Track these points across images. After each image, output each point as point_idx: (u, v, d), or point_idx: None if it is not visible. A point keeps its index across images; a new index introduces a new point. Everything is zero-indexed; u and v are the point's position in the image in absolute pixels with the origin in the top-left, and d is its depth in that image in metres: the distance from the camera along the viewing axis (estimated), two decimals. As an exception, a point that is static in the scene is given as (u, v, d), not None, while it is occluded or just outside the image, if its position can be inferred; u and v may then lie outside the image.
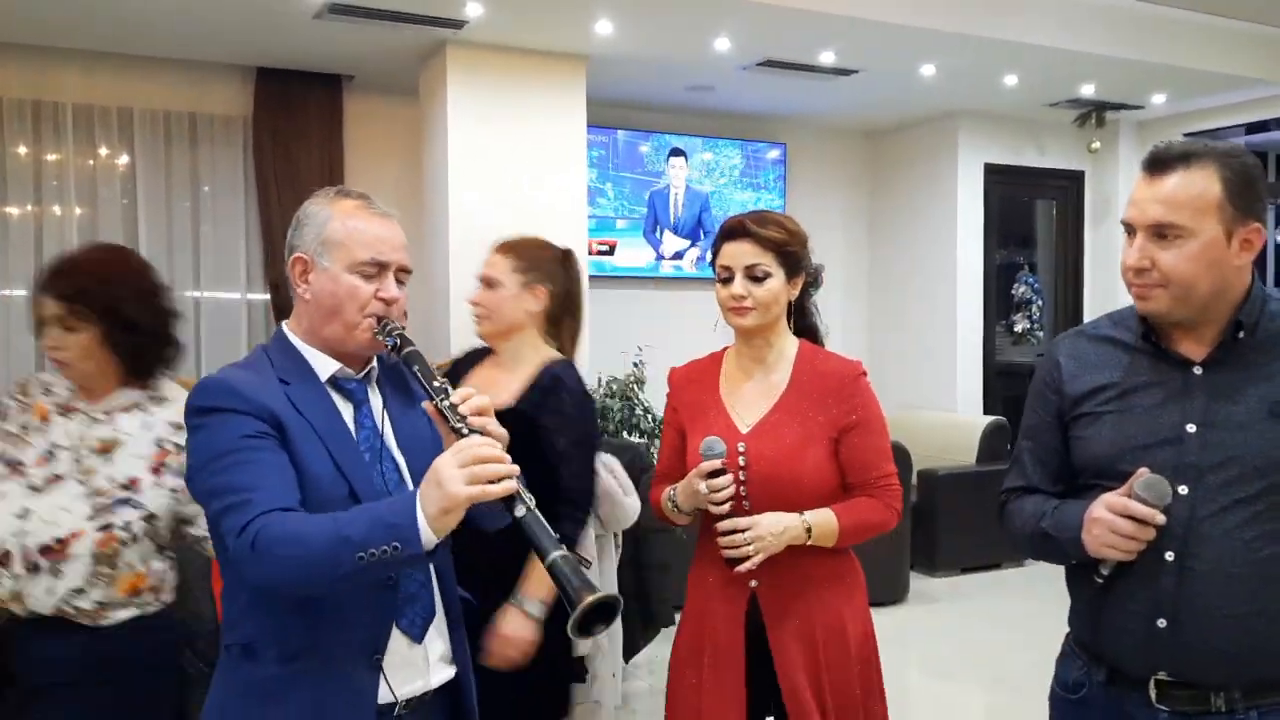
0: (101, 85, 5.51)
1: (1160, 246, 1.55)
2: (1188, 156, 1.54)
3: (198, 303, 5.83)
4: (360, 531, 1.37)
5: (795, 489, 2.00)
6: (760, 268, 2.03)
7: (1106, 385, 1.67)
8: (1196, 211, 1.52)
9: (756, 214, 2.12)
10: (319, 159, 5.86)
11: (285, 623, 1.53)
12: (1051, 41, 5.49)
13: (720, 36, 5.25)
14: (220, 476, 1.48)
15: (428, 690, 1.63)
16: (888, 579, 5.56)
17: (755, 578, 2.02)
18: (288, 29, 5.03)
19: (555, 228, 5.57)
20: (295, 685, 1.52)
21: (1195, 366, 1.61)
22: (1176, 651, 1.56)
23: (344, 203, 1.66)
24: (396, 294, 1.64)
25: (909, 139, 7.40)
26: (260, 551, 1.40)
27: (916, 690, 4.61)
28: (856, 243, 7.76)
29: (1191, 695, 1.56)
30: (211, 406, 1.53)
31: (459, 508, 1.36)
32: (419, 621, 1.62)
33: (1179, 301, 1.57)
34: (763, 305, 2.03)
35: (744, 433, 2.04)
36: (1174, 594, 1.55)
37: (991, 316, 7.27)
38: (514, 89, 5.47)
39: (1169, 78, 6.22)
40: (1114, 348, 1.70)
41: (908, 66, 5.83)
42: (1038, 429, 1.78)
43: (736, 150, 7.03)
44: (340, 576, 1.38)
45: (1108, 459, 1.64)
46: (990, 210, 7.16)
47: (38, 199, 5.48)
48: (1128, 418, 1.63)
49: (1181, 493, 1.56)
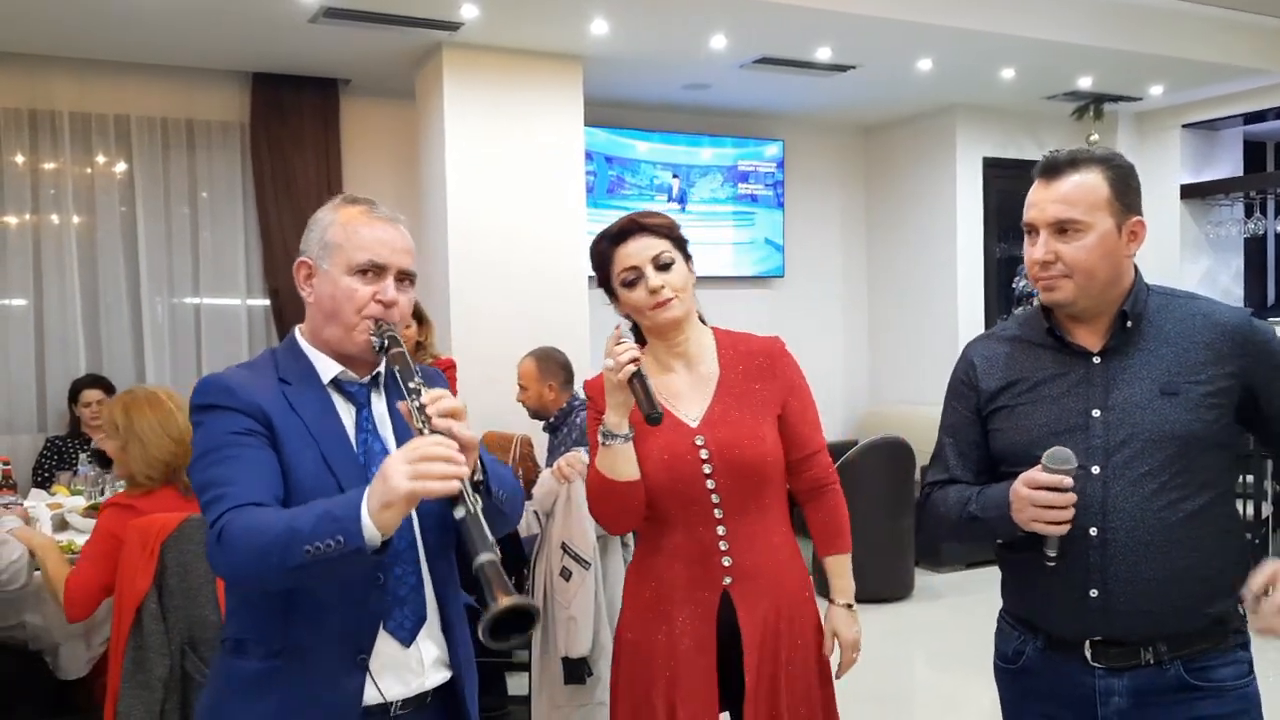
0: (98, 93, 5.51)
1: (1062, 241, 1.73)
2: (1075, 162, 1.74)
3: (198, 309, 5.83)
4: (309, 523, 1.38)
5: (760, 472, 2.00)
6: (665, 254, 2.01)
7: (1017, 380, 1.84)
8: (1090, 207, 1.72)
9: (637, 212, 2.11)
10: (316, 164, 5.85)
11: (269, 619, 1.55)
12: (1048, 34, 5.48)
13: (716, 34, 5.24)
14: (207, 472, 1.52)
15: (424, 691, 1.63)
16: (892, 575, 5.55)
17: (729, 574, 2.00)
18: (283, 34, 5.02)
19: (554, 229, 5.61)
20: (278, 680, 1.55)
21: (1094, 356, 1.78)
22: (1108, 616, 1.71)
23: (349, 209, 1.68)
24: (394, 297, 1.64)
25: (907, 134, 7.39)
26: (224, 543, 1.43)
27: (921, 686, 4.60)
28: (855, 238, 7.75)
29: (1123, 652, 1.72)
30: (206, 404, 1.57)
31: (400, 502, 1.35)
32: (407, 624, 1.61)
33: (1082, 290, 1.74)
34: (680, 291, 2.01)
35: (695, 427, 2.02)
36: (1101, 565, 1.70)
37: (992, 311, 7.25)
38: (510, 90, 5.47)
39: (1167, 69, 6.21)
40: (1021, 346, 1.87)
41: (904, 61, 5.82)
42: (957, 425, 1.93)
43: (733, 148, 7.03)
44: (292, 569, 1.38)
45: (1023, 447, 1.78)
46: (989, 204, 7.15)
47: (35, 208, 5.47)
48: (1038, 408, 1.80)
49: (1095, 473, 1.71)
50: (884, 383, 7.68)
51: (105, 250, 5.60)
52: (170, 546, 2.66)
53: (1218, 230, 7.42)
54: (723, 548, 2.00)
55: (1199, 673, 1.70)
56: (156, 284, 5.71)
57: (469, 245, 5.42)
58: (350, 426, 1.64)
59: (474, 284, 5.41)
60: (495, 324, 5.34)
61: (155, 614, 2.67)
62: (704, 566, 2.00)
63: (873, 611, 5.26)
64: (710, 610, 2.00)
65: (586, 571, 3.26)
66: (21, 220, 5.46)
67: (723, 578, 2.00)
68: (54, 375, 5.47)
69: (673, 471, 1.99)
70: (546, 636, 3.33)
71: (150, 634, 2.65)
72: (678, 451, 2.00)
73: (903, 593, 5.58)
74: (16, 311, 5.46)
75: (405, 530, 1.61)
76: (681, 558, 2.01)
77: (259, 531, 1.41)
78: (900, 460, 5.66)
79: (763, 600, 2.00)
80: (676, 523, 2.01)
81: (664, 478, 1.99)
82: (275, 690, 1.54)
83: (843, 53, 5.62)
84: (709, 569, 2.00)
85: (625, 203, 6.70)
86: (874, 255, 7.74)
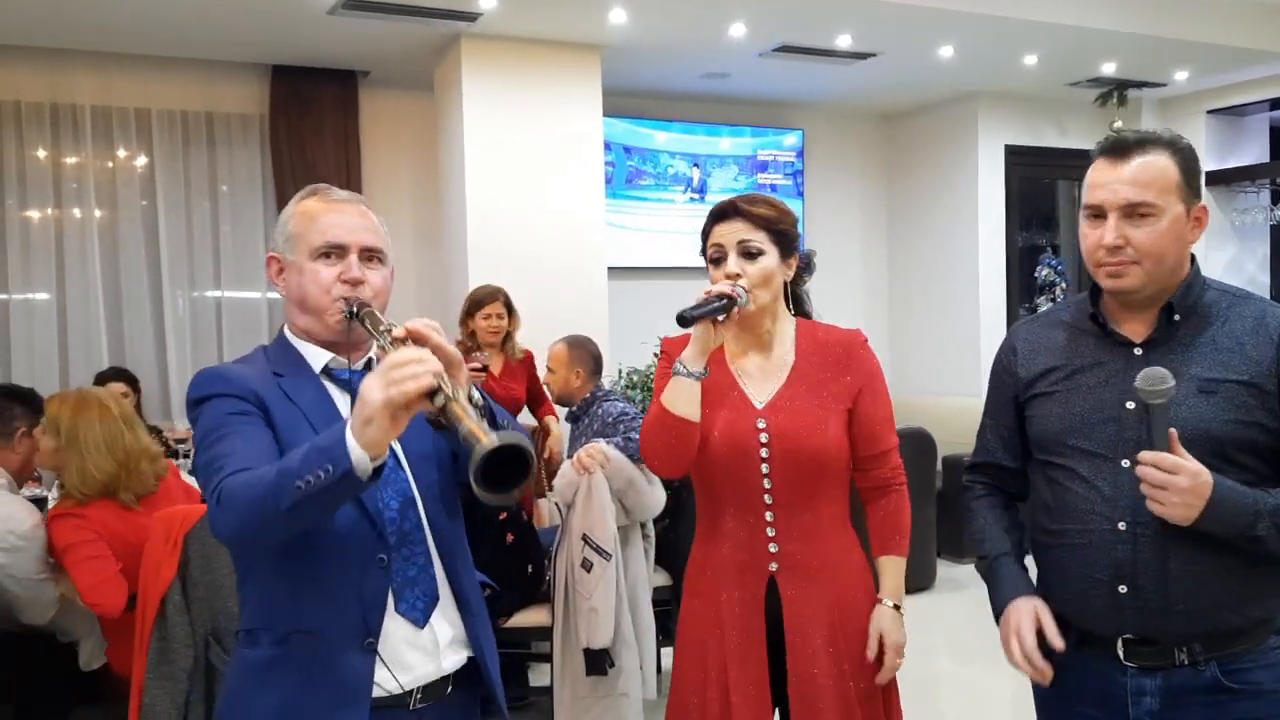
0: (118, 87, 5.54)
1: (1132, 225, 1.66)
2: (1143, 142, 1.67)
3: (219, 302, 5.86)
4: (297, 460, 1.37)
5: (818, 464, 1.96)
6: (753, 244, 1.98)
7: (1055, 367, 1.80)
8: (1162, 190, 1.66)
9: (746, 195, 2.08)
10: (335, 156, 5.87)
11: (277, 605, 1.56)
12: (1071, 19, 5.42)
13: (735, 22, 5.21)
14: (206, 453, 1.52)
15: (442, 676, 1.62)
16: (914, 565, 5.48)
17: (775, 560, 1.98)
18: (302, 26, 5.03)
19: (573, 218, 5.60)
20: (287, 667, 1.54)
21: (1135, 347, 1.73)
22: (1138, 614, 1.67)
23: (307, 200, 1.69)
24: (359, 274, 1.64)
25: (928, 122, 7.33)
26: (223, 503, 1.43)
27: (945, 676, 4.58)
28: (876, 227, 7.70)
29: (1156, 651, 1.67)
30: (202, 396, 1.58)
31: (380, 415, 1.31)
32: (420, 605, 1.60)
33: (1150, 276, 1.68)
34: (758, 284, 1.98)
35: (760, 408, 2.00)
36: (1130, 561, 1.66)
37: (1014, 300, 7.19)
38: (529, 81, 5.46)
39: (1191, 54, 6.13)
40: (1064, 331, 1.83)
41: (926, 48, 5.77)
42: (997, 409, 1.93)
43: (752, 138, 6.99)
44: (287, 510, 1.36)
45: (1055, 435, 1.77)
46: (1011, 192, 7.09)
47: (58, 202, 5.51)
48: (1074, 396, 1.76)
49: (1124, 466, 1.67)
50: (905, 372, 7.64)
51: (127, 244, 5.63)
52: (193, 538, 2.67)
53: (1243, 217, 7.34)
54: (770, 534, 1.98)
55: (1236, 674, 1.64)
56: (177, 278, 5.74)
57: (488, 236, 5.41)
58: (346, 414, 1.60)
59: (493, 274, 5.38)
60: (515, 315, 5.33)
61: (179, 606, 2.68)
62: (751, 551, 1.99)
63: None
64: (758, 597, 1.98)
65: (608, 563, 3.26)
66: (44, 215, 5.50)
67: (769, 564, 1.98)
68: (77, 369, 5.50)
69: (731, 448, 1.98)
70: (568, 628, 3.33)
71: (174, 625, 2.66)
72: (739, 429, 1.98)
73: (925, 583, 5.55)
74: (40, 305, 5.50)
75: (410, 509, 1.61)
76: (731, 540, 2.01)
77: (253, 484, 1.40)
78: (922, 450, 5.62)
79: (812, 593, 1.97)
80: (728, 503, 2.01)
81: (722, 452, 1.99)
82: (285, 677, 1.54)
83: (863, 40, 5.58)
84: (756, 554, 1.99)
85: (644, 193, 6.69)
86: (894, 244, 7.70)
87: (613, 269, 5.86)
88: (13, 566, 2.92)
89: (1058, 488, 1.76)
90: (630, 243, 6.58)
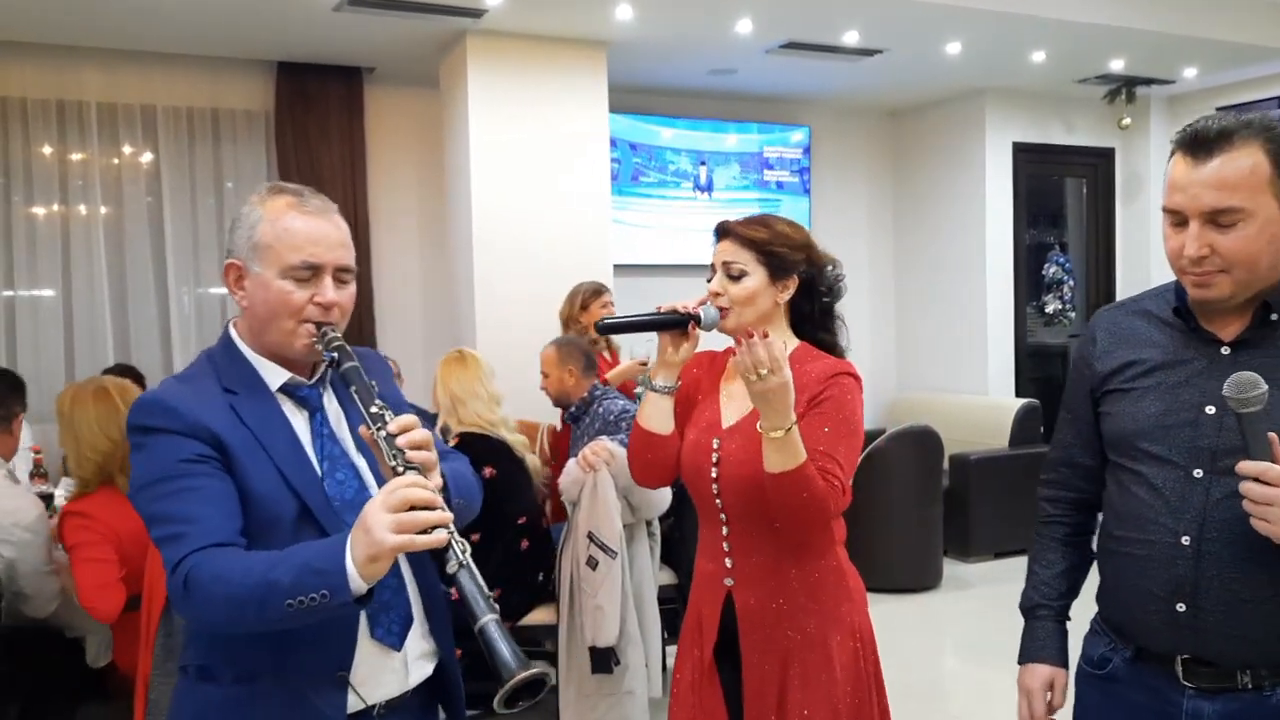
0: (124, 83, 5.53)
1: (1218, 231, 1.49)
2: (1229, 134, 1.47)
3: (224, 300, 5.85)
4: (289, 576, 1.31)
5: (760, 492, 1.86)
6: (736, 265, 1.98)
7: (1135, 361, 1.66)
8: (1251, 191, 1.47)
9: (750, 216, 2.06)
10: (340, 152, 5.86)
11: (240, 645, 1.47)
12: (1080, 15, 5.39)
13: (742, 18, 5.19)
14: (158, 504, 1.42)
15: (406, 691, 1.58)
16: (920, 565, 5.51)
17: (730, 576, 1.98)
18: (307, 22, 5.02)
19: (579, 215, 5.58)
20: (254, 705, 1.47)
21: (1223, 346, 1.58)
22: (1198, 635, 1.55)
23: (275, 201, 1.54)
24: (334, 298, 1.53)
25: (935, 118, 7.30)
26: (192, 592, 1.36)
27: (951, 676, 4.56)
28: (882, 224, 7.68)
29: (1217, 673, 1.56)
30: (148, 426, 1.46)
31: (386, 556, 1.31)
32: (395, 629, 1.55)
33: (1242, 284, 1.52)
34: (738, 303, 1.98)
35: (723, 429, 2.01)
36: (1192, 578, 1.54)
37: (1022, 298, 7.17)
38: (535, 77, 5.44)
39: (1200, 50, 6.10)
40: (1148, 322, 1.68)
41: (933, 44, 5.75)
42: (1075, 401, 1.80)
43: (759, 134, 6.97)
44: (271, 620, 1.33)
45: (1128, 438, 1.64)
46: (1019, 189, 7.06)
47: (63, 198, 5.50)
48: (1151, 395, 1.62)
49: (1197, 476, 1.55)
50: (912, 370, 7.62)
51: (132, 241, 5.62)
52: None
53: (1252, 215, 7.29)
54: (725, 548, 2.00)
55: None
56: (183, 274, 5.74)
57: (493, 233, 5.40)
58: (305, 434, 1.55)
59: (499, 272, 5.40)
60: (520, 311, 5.32)
61: (184, 602, 2.67)
62: (715, 563, 2.02)
63: (901, 602, 5.22)
64: (716, 609, 2.00)
65: (613, 561, 3.25)
66: (50, 211, 5.49)
67: (724, 578, 2.00)
68: (82, 366, 5.50)
69: (690, 465, 2.03)
70: (573, 626, 3.32)
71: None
72: (699, 448, 2.02)
73: (931, 583, 5.53)
74: (45, 302, 5.50)
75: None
76: (703, 550, 2.06)
77: (232, 582, 1.33)
78: (928, 449, 5.60)
79: (768, 615, 1.95)
80: (700, 514, 2.06)
81: (686, 465, 2.04)
82: (250, 716, 1.47)
83: (870, 36, 5.56)
84: (718, 566, 2.01)
85: (650, 189, 6.67)
86: (901, 242, 7.67)
87: (618, 266, 5.85)
88: (19, 560, 2.92)
89: (1125, 492, 1.65)
90: (635, 240, 6.56)
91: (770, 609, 1.95)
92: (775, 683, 1.94)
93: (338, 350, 1.51)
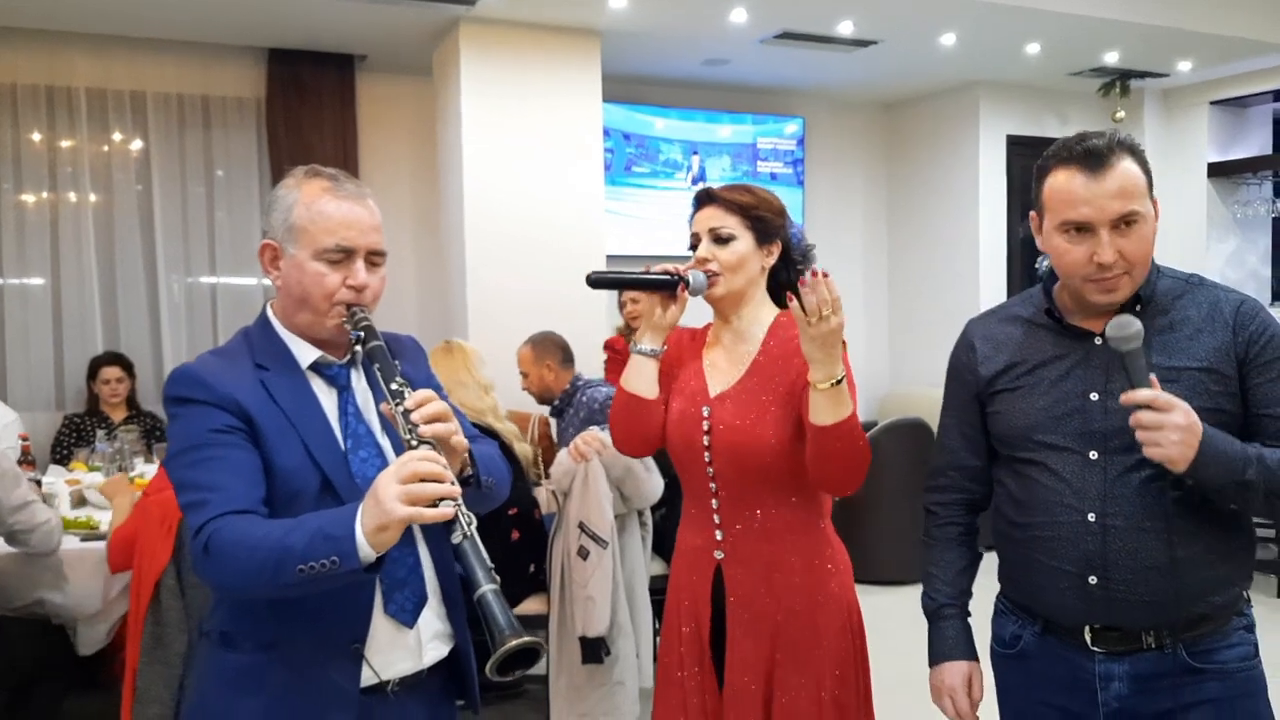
0: (114, 69, 5.49)
1: (1122, 236, 1.62)
2: (1112, 149, 1.63)
3: (214, 288, 5.82)
4: (302, 542, 1.35)
5: (756, 458, 1.92)
6: (724, 230, 1.98)
7: (1018, 362, 1.78)
8: (1142, 196, 1.63)
9: (727, 184, 2.07)
10: (332, 140, 5.82)
11: (260, 614, 1.52)
12: (1074, 8, 5.38)
13: (736, 8, 5.17)
14: (187, 471, 1.48)
15: (420, 670, 1.61)
16: (911, 558, 5.50)
17: (720, 549, 1.98)
18: (299, 9, 4.98)
19: (572, 205, 5.57)
20: (272, 672, 1.52)
21: (1096, 338, 1.70)
22: (1108, 604, 1.67)
23: (311, 185, 1.59)
24: (365, 280, 1.59)
25: (929, 110, 7.29)
26: (212, 555, 1.41)
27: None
28: (876, 216, 7.67)
29: (1123, 636, 1.68)
30: (182, 397, 1.52)
31: (395, 526, 1.34)
32: (409, 606, 1.58)
33: (1137, 282, 1.67)
34: (728, 268, 1.98)
35: (711, 397, 2.00)
36: (1100, 552, 1.66)
37: (1015, 290, 7.16)
38: (528, 66, 5.42)
39: (1195, 44, 6.09)
40: (1022, 326, 1.81)
41: (928, 36, 5.74)
42: (958, 407, 1.92)
43: (752, 125, 6.96)
44: (285, 585, 1.37)
45: (1021, 431, 1.75)
46: (1013, 182, 7.05)
47: (53, 186, 5.47)
48: (1037, 391, 1.74)
49: (1093, 458, 1.67)
50: (905, 363, 7.62)
51: (122, 229, 5.59)
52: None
53: (1245, 210, 7.30)
54: (715, 520, 1.99)
55: (1202, 655, 1.66)
56: (173, 262, 5.71)
57: (486, 222, 5.38)
58: (332, 411, 1.59)
59: (491, 261, 5.38)
60: (512, 301, 5.31)
61: (173, 590, 2.67)
62: (703, 537, 2.01)
63: (892, 595, 5.22)
64: (706, 583, 2.00)
65: (604, 551, 3.24)
66: (39, 199, 5.46)
67: (714, 551, 1.99)
68: (72, 354, 5.48)
69: (678, 434, 2.02)
70: (564, 616, 3.31)
71: (168, 610, 2.65)
72: (687, 416, 2.00)
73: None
74: (34, 290, 5.47)
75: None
76: (691, 524, 2.05)
77: (249, 546, 1.38)
78: (921, 441, 5.60)
79: (759, 591, 1.95)
80: (686, 487, 2.05)
81: (674, 436, 2.03)
82: (268, 683, 1.51)
83: (865, 27, 5.54)
84: (706, 540, 2.00)
85: (643, 180, 6.65)
86: (895, 234, 7.67)
87: (611, 257, 5.84)
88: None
89: (1026, 481, 1.75)
90: (628, 230, 6.54)
91: (761, 583, 1.95)
92: (764, 660, 1.94)
93: (365, 329, 1.56)
